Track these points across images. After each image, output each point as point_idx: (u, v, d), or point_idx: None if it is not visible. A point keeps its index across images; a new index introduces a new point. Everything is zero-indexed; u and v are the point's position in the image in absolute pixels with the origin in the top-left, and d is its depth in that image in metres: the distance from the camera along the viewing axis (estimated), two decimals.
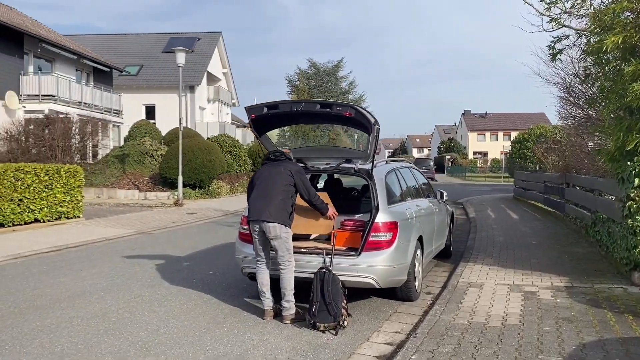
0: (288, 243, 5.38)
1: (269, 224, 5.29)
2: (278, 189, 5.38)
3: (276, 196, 5.37)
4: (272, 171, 5.51)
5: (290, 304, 5.34)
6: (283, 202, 5.37)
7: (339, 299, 5.12)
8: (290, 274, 5.37)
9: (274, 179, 5.45)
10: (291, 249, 5.42)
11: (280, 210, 5.33)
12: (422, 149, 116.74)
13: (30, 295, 6.44)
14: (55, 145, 21.06)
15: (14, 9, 28.96)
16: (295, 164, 5.65)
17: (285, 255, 5.37)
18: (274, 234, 5.30)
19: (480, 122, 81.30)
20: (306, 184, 5.53)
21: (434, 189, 8.44)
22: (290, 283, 5.36)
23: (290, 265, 5.40)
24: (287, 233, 5.37)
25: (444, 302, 6.00)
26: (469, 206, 18.14)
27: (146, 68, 36.93)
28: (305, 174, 5.63)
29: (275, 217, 5.30)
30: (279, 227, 5.30)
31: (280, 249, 5.35)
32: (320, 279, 5.22)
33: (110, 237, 11.41)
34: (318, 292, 5.16)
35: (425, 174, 33.58)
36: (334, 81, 60.51)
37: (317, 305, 5.09)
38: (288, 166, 5.53)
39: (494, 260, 8.42)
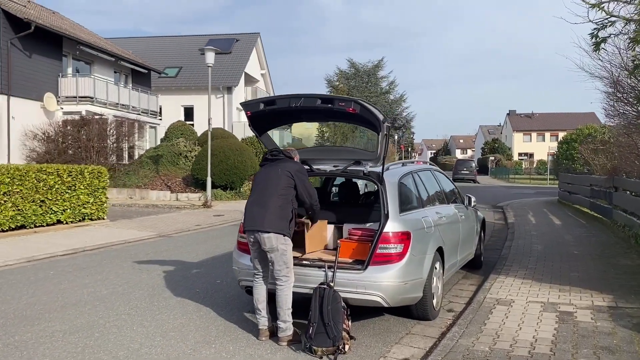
0: (286, 256, 4.79)
1: (264, 234, 4.72)
2: (275, 193, 4.81)
3: (273, 202, 4.79)
4: (269, 173, 4.95)
5: (287, 325, 4.76)
6: (281, 209, 4.79)
7: (339, 320, 4.52)
8: (287, 291, 4.79)
9: (270, 182, 4.89)
10: (290, 263, 4.83)
11: (277, 218, 4.76)
12: (465, 149, 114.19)
13: (24, 303, 6.12)
14: (90, 146, 21.24)
15: (57, 13, 29.57)
16: (295, 163, 5.04)
17: (283, 269, 4.79)
18: (269, 245, 4.74)
19: (526, 122, 78.66)
20: (308, 186, 4.96)
21: (461, 193, 7.71)
22: (287, 301, 4.77)
23: (289, 281, 4.81)
24: (284, 244, 4.78)
25: (465, 323, 5.32)
26: (509, 210, 17.14)
27: (185, 70, 37.17)
28: (307, 174, 5.05)
29: (272, 226, 4.72)
30: (275, 237, 4.72)
31: (277, 262, 4.77)
32: (320, 296, 4.64)
33: (129, 240, 11.15)
34: (316, 312, 4.58)
35: (466, 175, 32.61)
36: (374, 81, 59.75)
37: (315, 327, 4.52)
38: (287, 166, 4.93)
39: (529, 272, 7.63)
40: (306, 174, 5.03)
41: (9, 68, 20.52)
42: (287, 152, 5.14)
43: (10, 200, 10.90)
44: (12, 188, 10.92)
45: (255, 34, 41.35)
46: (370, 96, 57.50)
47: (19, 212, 11.10)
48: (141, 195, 20.79)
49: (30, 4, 26.63)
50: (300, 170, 5.00)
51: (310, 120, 5.93)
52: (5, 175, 10.78)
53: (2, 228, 10.82)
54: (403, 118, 63.80)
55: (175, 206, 18.29)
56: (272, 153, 5.09)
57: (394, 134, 60.17)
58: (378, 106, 57.67)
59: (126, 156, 24.52)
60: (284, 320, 4.75)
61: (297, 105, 4.92)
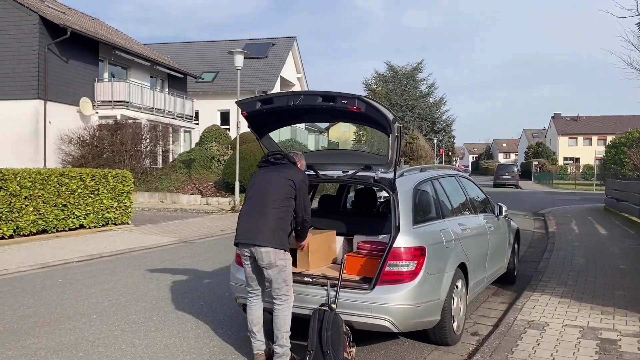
0: (285, 272, 4.25)
1: (261, 248, 4.20)
2: (275, 203, 4.26)
3: (272, 212, 4.25)
4: (268, 179, 4.39)
5: (284, 350, 4.22)
6: (281, 220, 4.26)
7: (339, 348, 3.98)
8: (286, 312, 4.25)
9: (270, 189, 4.33)
10: (289, 280, 4.29)
11: (276, 231, 4.22)
12: (508, 154, 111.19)
13: (19, 315, 5.82)
14: (124, 150, 21.31)
15: (97, 19, 30.08)
16: (299, 172, 4.49)
17: (282, 287, 4.25)
18: (267, 261, 4.21)
19: (572, 126, 75.81)
20: (306, 199, 4.43)
21: (491, 202, 7.03)
22: (286, 323, 4.22)
23: (288, 300, 4.27)
24: (284, 260, 4.25)
25: (489, 350, 4.68)
26: (551, 218, 16.15)
27: (221, 74, 37.31)
28: (307, 185, 4.49)
29: (270, 240, 4.19)
30: (274, 252, 4.19)
31: (276, 280, 4.24)
32: (319, 320, 4.10)
33: (149, 246, 10.88)
34: (314, 337, 4.05)
35: (508, 180, 31.40)
36: (413, 84, 58.77)
37: (312, 355, 3.99)
38: (290, 173, 4.37)
39: (568, 289, 6.88)
40: (307, 186, 4.51)
41: (46, 73, 20.83)
42: (292, 156, 4.61)
43: (32, 204, 10.80)
44: (33, 192, 10.82)
45: (292, 37, 41.16)
46: (408, 99, 56.57)
47: (40, 217, 10.99)
48: (172, 199, 20.71)
49: (70, 10, 27.14)
50: (305, 180, 4.45)
51: (313, 120, 5.42)
52: (26, 179, 10.69)
53: (24, 233, 10.73)
54: (443, 121, 62.50)
55: (204, 210, 18.07)
56: (274, 156, 4.53)
57: (434, 137, 58.96)
58: (417, 109, 56.89)
59: (160, 160, 24.57)
60: (281, 344, 4.22)
61: (296, 103, 4.40)
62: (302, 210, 4.37)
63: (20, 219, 10.57)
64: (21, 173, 10.65)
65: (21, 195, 10.57)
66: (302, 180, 4.42)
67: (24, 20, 20.71)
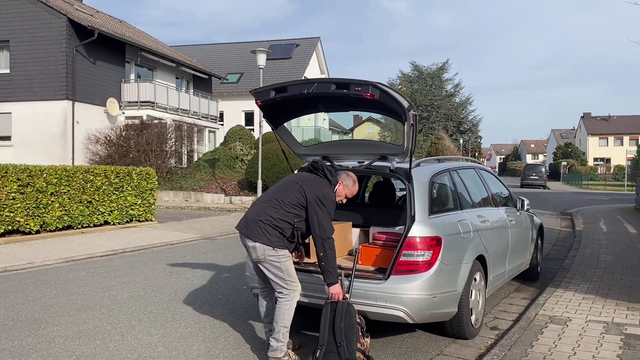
0: (281, 269, 4.05)
1: (249, 242, 4.09)
2: (278, 203, 4.10)
3: (271, 210, 4.07)
4: (288, 179, 4.35)
5: (279, 345, 4.08)
6: (278, 221, 4.04)
7: (352, 339, 3.92)
8: (286, 306, 4.07)
9: (281, 188, 4.24)
10: (288, 277, 4.07)
11: (267, 229, 4.03)
12: (536, 154, 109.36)
13: (41, 305, 5.91)
14: (150, 150, 21.59)
15: (124, 22, 30.60)
16: (320, 188, 4.14)
17: (278, 283, 4.08)
18: (255, 255, 4.09)
19: (602, 126, 74.16)
20: (322, 219, 4.04)
21: (513, 196, 6.88)
22: (284, 318, 4.06)
23: (289, 295, 4.10)
24: (275, 257, 4.03)
25: (508, 344, 4.57)
26: (578, 217, 15.78)
27: (246, 75, 37.58)
28: (328, 204, 4.10)
29: (257, 236, 4.02)
30: (262, 248, 4.02)
31: (270, 276, 4.09)
32: (332, 310, 4.03)
33: (172, 242, 10.99)
34: (326, 329, 3.95)
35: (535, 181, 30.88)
36: (438, 84, 58.16)
37: (323, 350, 3.92)
38: (309, 185, 4.14)
39: (593, 286, 6.69)
40: (329, 205, 4.12)
41: (74, 74, 21.26)
42: (330, 171, 4.39)
43: (58, 200, 11.00)
44: (59, 188, 11.03)
45: (316, 38, 41.22)
46: (434, 99, 56.04)
47: (66, 213, 11.19)
48: (196, 198, 20.89)
49: (98, 13, 27.67)
50: (321, 198, 4.07)
51: (328, 110, 5.35)
52: (52, 176, 10.90)
53: (50, 228, 10.93)
54: (469, 122, 61.75)
55: (227, 209, 18.19)
56: (312, 165, 4.43)
57: (460, 138, 58.27)
58: (442, 109, 56.32)
59: (185, 159, 24.83)
60: (277, 338, 4.09)
61: (310, 91, 4.36)
62: (317, 229, 4.04)
63: (46, 215, 10.78)
64: (47, 170, 10.87)
65: (47, 191, 10.78)
66: (317, 197, 4.08)
67: (53, 22, 21.18)
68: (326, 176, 4.30)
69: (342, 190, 4.41)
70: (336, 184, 4.36)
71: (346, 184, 4.42)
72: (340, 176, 4.42)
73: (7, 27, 21.56)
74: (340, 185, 4.39)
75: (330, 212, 4.12)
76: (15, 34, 21.50)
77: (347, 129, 60.28)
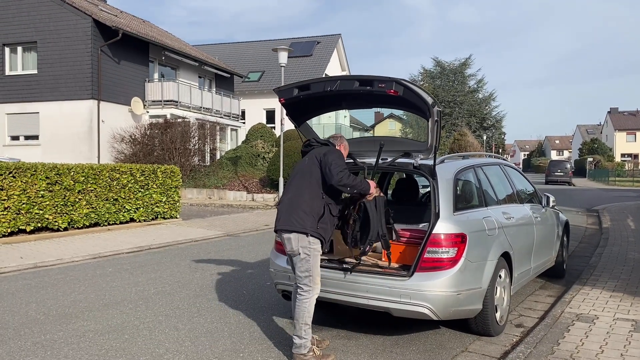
0: (309, 262, 4.11)
1: (284, 234, 4.18)
2: (301, 185, 4.22)
3: (298, 195, 4.20)
4: (298, 165, 4.44)
5: (302, 342, 4.12)
6: (307, 203, 4.15)
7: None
8: (306, 303, 4.12)
9: (296, 175, 4.36)
10: (313, 271, 4.14)
11: (301, 214, 4.12)
12: (561, 151, 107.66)
13: (71, 300, 6.06)
14: (173, 148, 21.86)
15: (147, 22, 30.99)
16: (324, 148, 4.37)
17: (303, 277, 4.14)
18: (289, 247, 4.18)
19: (630, 121, 72.64)
20: (332, 165, 4.11)
21: (538, 193, 6.81)
22: (304, 315, 4.10)
23: (310, 291, 4.14)
24: (307, 248, 4.11)
25: (534, 342, 4.54)
26: (605, 214, 15.51)
27: (267, 74, 37.75)
28: (333, 156, 4.21)
29: (293, 225, 4.11)
30: (296, 238, 4.11)
31: (298, 268, 4.16)
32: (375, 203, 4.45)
33: (196, 239, 11.13)
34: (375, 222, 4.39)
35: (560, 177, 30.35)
36: (461, 79, 57.62)
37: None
38: (314, 152, 4.34)
39: (621, 284, 6.59)
40: (338, 157, 4.24)
41: (99, 74, 21.62)
42: (331, 139, 4.58)
43: (85, 198, 11.22)
44: (86, 186, 11.25)
45: (336, 35, 41.19)
46: (457, 95, 55.55)
47: (92, 210, 11.41)
48: (219, 196, 21.08)
49: (122, 14, 28.07)
50: (329, 152, 4.25)
51: (351, 107, 5.37)
52: (80, 174, 11.12)
53: (77, 225, 11.15)
54: (492, 117, 61.05)
55: (249, 206, 18.32)
56: (304, 143, 4.60)
57: (483, 134, 57.65)
58: (465, 105, 55.76)
59: (208, 158, 25.07)
60: (299, 335, 4.14)
61: (333, 89, 4.38)
62: (327, 176, 4.13)
63: (74, 213, 11.00)
64: (75, 168, 11.09)
65: (75, 189, 11.00)
66: (326, 152, 4.26)
67: (79, 23, 21.55)
68: (323, 143, 4.50)
69: (344, 150, 4.58)
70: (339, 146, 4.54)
71: (345, 145, 4.60)
72: (335, 140, 4.58)
73: (35, 28, 22.02)
74: (340, 146, 4.54)
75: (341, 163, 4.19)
76: (42, 35, 21.95)
77: (368, 126, 60.12)
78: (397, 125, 56.34)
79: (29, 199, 10.14)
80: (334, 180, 4.07)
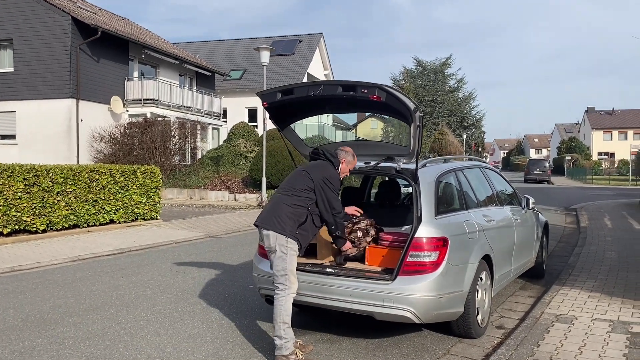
0: (285, 261, 4.23)
1: (264, 231, 4.34)
2: (289, 192, 4.39)
3: (283, 199, 4.37)
4: (298, 171, 4.57)
5: (282, 342, 4.16)
6: (291, 208, 4.30)
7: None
8: (283, 302, 4.20)
9: (291, 179, 4.52)
10: (288, 270, 4.23)
11: (283, 217, 4.27)
12: (540, 149, 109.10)
13: (50, 306, 5.97)
14: (153, 147, 21.64)
15: (126, 19, 30.61)
16: (324, 169, 4.47)
17: (279, 275, 4.24)
18: (267, 244, 4.32)
19: (606, 120, 73.93)
20: (330, 198, 4.38)
21: (518, 194, 6.90)
22: (282, 314, 4.17)
23: (286, 290, 4.22)
24: (285, 247, 4.23)
25: (515, 343, 4.60)
26: (583, 213, 15.78)
27: (249, 72, 37.57)
28: (334, 183, 4.42)
29: (273, 225, 4.26)
30: (275, 236, 4.25)
31: (274, 266, 4.29)
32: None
33: (177, 241, 11.04)
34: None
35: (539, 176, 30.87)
36: (441, 79, 58.17)
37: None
38: (314, 169, 4.48)
39: (598, 284, 6.71)
40: (335, 184, 4.44)
41: (78, 73, 21.30)
42: (331, 152, 4.65)
43: (64, 199, 11.06)
44: (65, 188, 11.08)
45: (319, 34, 41.16)
46: (437, 94, 56.01)
47: (72, 212, 11.25)
48: (200, 196, 20.94)
49: (101, 11, 27.68)
50: (327, 179, 4.40)
51: (335, 111, 5.40)
52: (58, 175, 10.95)
53: (56, 227, 10.99)
54: (472, 117, 61.67)
55: (231, 206, 18.24)
56: (313, 152, 4.76)
57: (463, 133, 58.17)
58: (445, 104, 56.19)
59: (188, 157, 24.88)
60: (279, 335, 4.19)
61: (317, 94, 4.39)
62: (324, 210, 4.37)
63: (52, 214, 10.84)
64: (53, 169, 10.92)
65: (53, 190, 10.83)
66: (324, 178, 4.40)
67: (57, 21, 21.20)
68: (328, 158, 4.58)
69: (346, 167, 4.70)
70: (339, 164, 4.61)
71: (348, 160, 4.68)
72: (339, 155, 4.65)
73: (11, 25, 21.60)
74: (342, 163, 4.66)
75: (336, 191, 4.47)
76: (19, 32, 21.54)
77: (350, 125, 60.25)
78: (379, 125, 56.55)
79: (5, 200, 9.96)
80: (329, 215, 4.39)
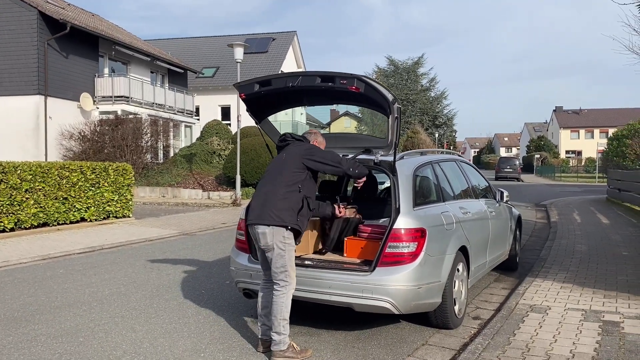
0: (284, 257, 4.09)
1: (260, 228, 4.13)
2: (277, 181, 4.20)
3: (274, 191, 4.15)
4: (274, 161, 4.41)
5: (281, 337, 4.10)
6: (284, 197, 4.12)
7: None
8: (284, 298, 4.11)
9: (272, 170, 4.33)
10: (289, 265, 4.13)
11: (278, 209, 4.08)
12: (510, 148, 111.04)
13: (20, 304, 5.80)
14: (125, 145, 21.28)
15: (96, 15, 30.01)
16: (302, 144, 4.38)
17: (279, 272, 4.12)
18: (263, 242, 4.13)
19: (573, 119, 75.71)
20: (327, 157, 4.28)
21: (492, 188, 7.00)
22: (283, 310, 4.09)
23: (287, 286, 4.13)
24: (283, 243, 4.09)
25: (491, 333, 4.65)
26: (553, 209, 16.11)
27: (222, 70, 37.25)
28: (317, 149, 4.35)
29: (271, 218, 4.06)
30: (271, 232, 4.07)
31: (274, 263, 4.12)
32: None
33: (151, 238, 10.87)
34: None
35: (509, 174, 31.43)
36: (414, 78, 58.55)
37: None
38: (292, 149, 4.33)
39: (570, 275, 6.85)
40: (319, 149, 4.37)
41: (46, 69, 20.80)
42: (306, 135, 4.58)
43: (33, 197, 10.78)
44: (34, 185, 10.81)
45: (292, 32, 41.06)
46: (409, 93, 56.40)
47: (41, 210, 10.98)
48: (173, 194, 20.68)
49: (70, 6, 27.08)
50: (309, 148, 4.31)
51: (313, 103, 5.36)
52: (27, 172, 10.67)
53: (25, 226, 10.71)
54: (444, 116, 62.33)
55: (205, 204, 18.06)
56: (280, 139, 4.56)
57: (435, 131, 58.77)
58: (418, 103, 56.65)
59: (161, 155, 24.55)
60: (278, 332, 4.11)
61: (295, 85, 4.36)
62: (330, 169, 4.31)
63: (21, 212, 10.56)
64: (21, 166, 10.64)
65: (22, 188, 10.55)
66: (306, 149, 4.30)
67: (24, 15, 20.68)
68: (298, 139, 4.48)
69: (320, 144, 4.60)
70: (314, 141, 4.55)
71: (319, 141, 4.61)
72: (309, 137, 4.57)
73: None
74: (315, 142, 4.55)
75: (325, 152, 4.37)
76: None
77: (324, 123, 60.33)
78: (353, 123, 56.77)
79: None
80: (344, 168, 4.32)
